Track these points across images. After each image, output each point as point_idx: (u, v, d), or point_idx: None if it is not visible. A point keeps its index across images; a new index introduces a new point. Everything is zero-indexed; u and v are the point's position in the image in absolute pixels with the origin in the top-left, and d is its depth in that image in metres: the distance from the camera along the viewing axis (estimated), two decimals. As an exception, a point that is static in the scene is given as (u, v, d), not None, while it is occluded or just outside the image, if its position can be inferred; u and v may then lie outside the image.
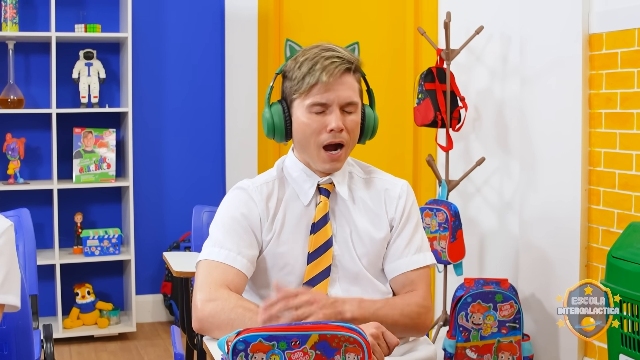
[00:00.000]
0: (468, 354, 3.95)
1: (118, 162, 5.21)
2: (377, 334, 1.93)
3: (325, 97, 2.21)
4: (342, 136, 2.23)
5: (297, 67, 2.25)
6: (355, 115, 2.26)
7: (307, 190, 2.30)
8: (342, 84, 2.23)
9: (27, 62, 5.08)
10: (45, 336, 3.05)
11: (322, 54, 2.24)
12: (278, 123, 2.29)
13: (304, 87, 2.22)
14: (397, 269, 2.31)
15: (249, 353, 1.66)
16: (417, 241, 2.33)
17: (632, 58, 3.70)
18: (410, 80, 5.18)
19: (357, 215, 2.31)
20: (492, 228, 4.77)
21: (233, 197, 2.31)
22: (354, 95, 2.26)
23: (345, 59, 2.25)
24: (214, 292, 2.10)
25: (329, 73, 2.20)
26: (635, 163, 3.71)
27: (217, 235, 2.24)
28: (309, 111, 2.23)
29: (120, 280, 5.35)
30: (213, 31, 5.39)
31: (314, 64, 2.22)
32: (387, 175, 2.42)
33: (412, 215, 2.35)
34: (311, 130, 2.23)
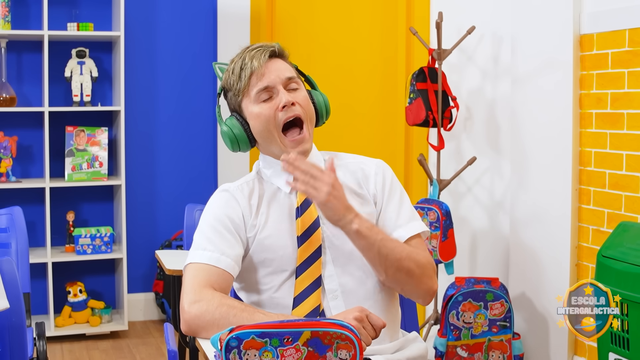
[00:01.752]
0: (459, 353, 3.96)
1: (110, 161, 5.21)
2: (360, 316, 1.95)
3: (264, 82, 2.27)
4: (295, 109, 2.28)
5: (231, 74, 2.33)
6: (302, 91, 2.33)
7: (286, 179, 2.32)
8: (274, 65, 2.30)
9: (20, 61, 5.08)
10: (38, 334, 3.06)
11: (245, 51, 2.32)
12: (239, 133, 2.33)
13: (243, 83, 2.29)
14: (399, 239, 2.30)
15: (241, 350, 1.67)
16: (407, 211, 2.34)
17: (622, 58, 3.72)
18: (402, 79, 5.20)
19: None
20: (483, 227, 4.78)
21: (215, 199, 2.33)
22: (290, 73, 2.32)
23: (268, 46, 2.33)
24: (197, 294, 2.10)
25: (258, 60, 2.27)
26: (625, 163, 3.73)
27: (200, 238, 2.25)
28: (258, 102, 2.28)
29: (112, 278, 5.35)
30: (205, 30, 5.39)
31: (242, 60, 2.30)
32: (360, 157, 2.45)
33: (394, 188, 2.37)
34: (265, 117, 2.27)
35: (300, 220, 2.27)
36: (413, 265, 2.22)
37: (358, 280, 2.27)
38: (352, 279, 2.27)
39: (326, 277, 2.25)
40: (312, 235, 2.26)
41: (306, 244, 2.25)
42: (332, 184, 2.15)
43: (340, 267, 2.27)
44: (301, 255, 2.25)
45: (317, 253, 2.25)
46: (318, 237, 2.26)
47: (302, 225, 2.26)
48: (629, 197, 3.71)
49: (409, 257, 2.22)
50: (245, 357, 1.68)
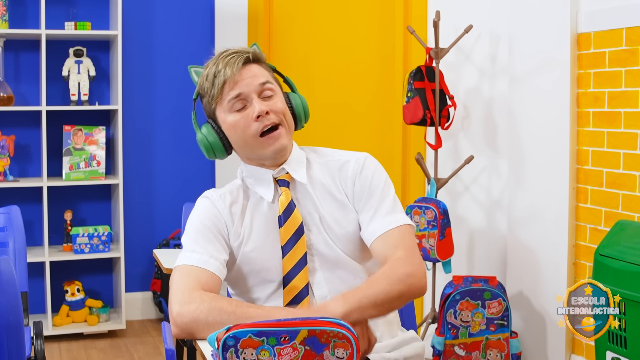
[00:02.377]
0: (456, 351, 3.96)
1: (108, 160, 5.21)
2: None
3: (237, 90, 2.23)
4: (270, 118, 2.22)
5: (205, 79, 2.28)
6: (276, 98, 2.27)
7: (266, 188, 2.29)
8: (248, 73, 2.25)
9: (17, 60, 5.08)
10: (36, 333, 3.06)
11: (219, 57, 2.28)
12: (213, 140, 2.30)
13: (216, 90, 2.24)
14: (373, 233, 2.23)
15: (239, 349, 1.68)
16: (387, 205, 2.25)
17: (619, 57, 3.73)
18: (400, 78, 5.20)
19: (322, 201, 2.29)
20: (480, 226, 4.79)
21: (199, 206, 2.33)
22: (265, 79, 2.26)
23: (242, 52, 2.27)
24: (187, 296, 2.08)
25: (231, 67, 2.22)
26: (622, 161, 3.73)
27: (189, 242, 2.23)
28: (231, 111, 2.24)
29: (110, 277, 5.35)
30: (203, 29, 5.39)
31: (215, 68, 2.25)
32: (344, 153, 2.38)
33: (374, 185, 2.28)
34: (241, 127, 2.24)
35: (284, 229, 2.24)
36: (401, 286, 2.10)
37: (348, 284, 2.23)
38: (342, 283, 2.25)
39: (315, 284, 2.24)
40: (296, 243, 2.23)
41: (290, 253, 2.23)
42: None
43: (328, 271, 2.25)
44: (286, 265, 2.23)
45: (302, 261, 2.23)
46: (302, 245, 2.23)
47: (285, 234, 2.24)
48: (626, 195, 3.71)
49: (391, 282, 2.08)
50: (242, 356, 1.68)
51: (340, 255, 2.25)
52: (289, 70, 2.45)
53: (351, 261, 2.27)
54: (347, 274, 2.26)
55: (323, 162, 2.35)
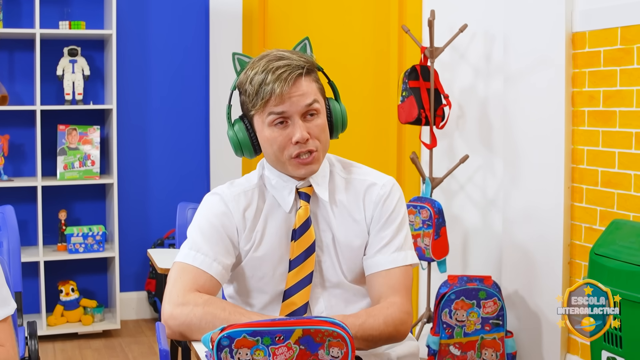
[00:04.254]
0: (452, 351, 3.96)
1: (102, 159, 5.21)
2: None
3: (281, 108, 2.12)
4: (309, 145, 2.15)
5: (248, 82, 2.15)
6: (319, 118, 2.18)
7: (286, 196, 2.23)
8: (297, 91, 2.12)
9: (11, 59, 5.07)
10: (30, 333, 3.05)
11: (270, 65, 2.13)
12: (244, 141, 2.23)
13: (259, 103, 2.12)
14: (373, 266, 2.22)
15: (233, 349, 1.67)
16: (399, 241, 2.24)
17: (614, 56, 3.73)
18: (395, 77, 5.20)
19: (338, 222, 2.24)
20: (475, 225, 4.79)
21: (211, 204, 2.24)
22: (312, 96, 2.16)
23: (294, 65, 2.14)
24: (181, 297, 2.06)
25: (281, 84, 2.10)
26: (617, 161, 3.73)
27: (196, 238, 2.18)
28: (270, 125, 2.14)
29: (105, 277, 5.34)
30: (197, 28, 5.38)
31: (264, 78, 2.11)
32: (370, 173, 2.33)
33: (393, 217, 2.25)
34: (277, 145, 2.15)
35: (296, 244, 2.21)
36: (391, 329, 2.12)
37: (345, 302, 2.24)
38: (340, 301, 2.24)
39: (313, 299, 2.22)
40: (305, 260, 2.20)
41: (298, 269, 2.20)
42: None
43: (328, 290, 2.24)
44: (291, 280, 2.20)
45: (307, 279, 2.20)
46: (311, 264, 2.20)
47: (296, 249, 2.20)
48: (622, 194, 3.71)
49: (386, 322, 2.11)
50: (236, 356, 1.67)
51: (342, 280, 2.24)
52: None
53: (352, 285, 2.26)
54: (346, 294, 2.24)
55: (348, 179, 2.30)
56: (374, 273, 2.22)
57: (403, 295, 2.20)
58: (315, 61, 2.25)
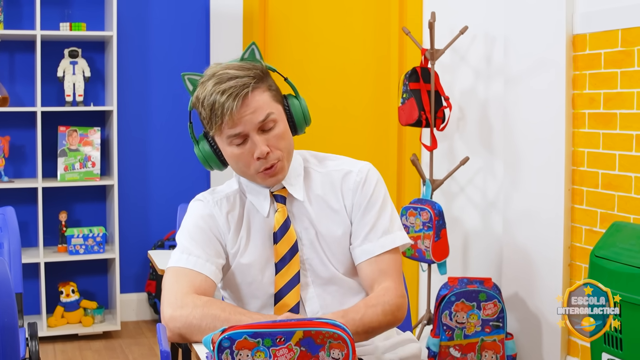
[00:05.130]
0: (452, 353, 3.96)
1: (103, 161, 5.21)
2: None
3: (237, 130, 2.11)
4: (272, 157, 2.14)
5: (200, 104, 2.14)
6: (277, 127, 2.16)
7: (262, 201, 2.24)
8: (247, 110, 2.10)
9: (12, 60, 5.07)
10: (30, 334, 3.05)
11: (218, 88, 2.10)
12: (210, 157, 2.24)
13: (215, 127, 2.12)
14: (362, 254, 2.22)
15: (234, 350, 1.67)
16: (383, 224, 2.23)
17: (615, 59, 3.73)
18: (395, 79, 5.20)
19: (318, 216, 2.24)
20: (476, 227, 4.79)
21: (196, 208, 2.28)
22: (265, 111, 2.12)
23: (241, 84, 2.10)
24: (180, 300, 2.06)
25: (229, 107, 2.08)
26: (618, 163, 3.73)
27: (185, 242, 2.20)
28: (231, 144, 2.15)
29: (105, 278, 5.34)
30: (198, 30, 5.39)
31: (212, 104, 2.10)
32: (345, 161, 2.32)
33: (373, 200, 2.24)
34: (242, 163, 2.16)
35: (278, 246, 2.21)
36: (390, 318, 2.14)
37: (340, 299, 2.23)
38: (334, 299, 2.23)
39: (307, 300, 2.22)
40: (290, 261, 2.20)
41: (284, 271, 2.20)
42: None
43: (321, 287, 2.23)
44: (278, 283, 2.20)
45: (295, 279, 2.21)
46: (296, 263, 2.21)
47: (279, 251, 2.21)
48: (622, 197, 3.71)
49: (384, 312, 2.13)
50: (237, 358, 1.67)
51: (334, 273, 2.23)
52: (284, 71, 2.38)
53: (344, 278, 2.25)
54: (339, 290, 2.24)
55: (324, 173, 2.30)
56: (363, 261, 2.23)
57: (395, 279, 2.21)
58: (264, 65, 2.22)
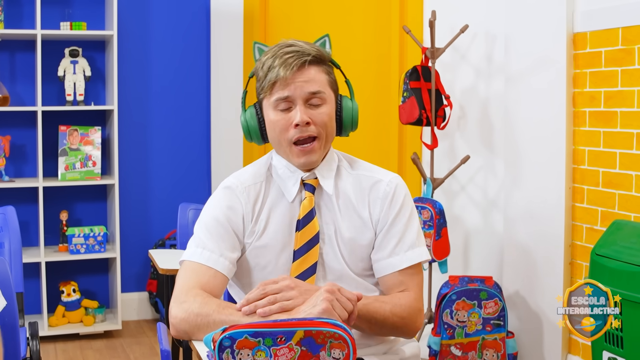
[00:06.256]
0: (453, 352, 3.96)
1: (103, 160, 5.21)
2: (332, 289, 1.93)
3: (286, 92, 2.17)
4: (310, 130, 2.18)
5: (261, 67, 2.22)
6: (324, 108, 2.21)
7: (291, 186, 2.25)
8: (302, 77, 2.18)
9: (13, 60, 5.07)
10: (31, 334, 3.05)
11: (280, 50, 2.20)
12: (252, 126, 2.28)
13: (267, 85, 2.19)
14: (388, 267, 2.23)
15: (235, 349, 1.67)
16: (410, 238, 2.24)
17: (615, 57, 3.73)
18: (396, 78, 5.20)
19: (342, 215, 2.25)
20: (476, 226, 4.79)
21: (219, 198, 2.27)
22: (318, 86, 2.20)
23: (303, 52, 2.19)
24: (182, 296, 2.08)
25: (287, 67, 2.16)
26: (618, 161, 3.73)
27: (201, 235, 2.21)
28: (275, 109, 2.20)
29: (106, 278, 5.34)
30: (199, 29, 5.38)
31: (273, 61, 2.18)
32: (375, 170, 2.33)
33: (402, 213, 2.25)
34: (279, 128, 2.20)
35: (300, 234, 2.22)
36: (397, 319, 2.16)
37: None
38: None
39: None
40: (309, 251, 2.21)
41: (301, 259, 2.21)
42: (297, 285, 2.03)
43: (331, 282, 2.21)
44: (295, 270, 2.21)
45: (311, 270, 2.21)
46: (315, 254, 2.21)
47: (300, 239, 2.21)
48: (623, 195, 3.71)
49: (392, 312, 2.15)
50: (238, 357, 1.68)
51: (346, 271, 2.24)
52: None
53: (355, 278, 2.25)
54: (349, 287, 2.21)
55: (354, 175, 2.31)
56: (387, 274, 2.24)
57: (416, 290, 2.23)
58: (331, 57, 2.29)
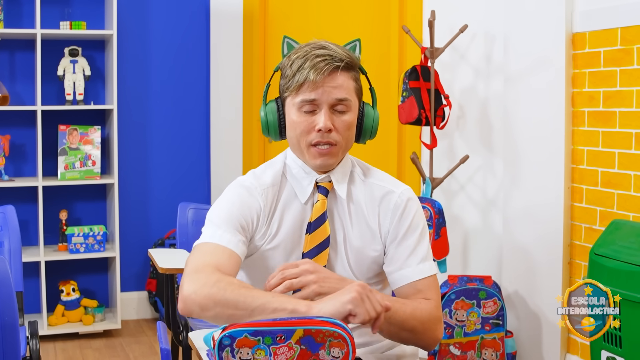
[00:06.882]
0: (452, 351, 3.97)
1: (103, 160, 5.21)
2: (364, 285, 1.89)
3: (313, 95, 2.15)
4: (331, 137, 2.17)
5: (289, 64, 2.19)
6: (348, 115, 2.20)
7: (305, 187, 2.24)
8: (331, 83, 2.16)
9: (12, 59, 5.07)
10: (31, 333, 3.06)
11: (313, 52, 2.17)
12: (272, 121, 2.25)
13: (294, 85, 2.16)
14: (402, 279, 2.21)
15: (234, 348, 1.68)
16: (422, 252, 2.23)
17: (614, 57, 3.73)
18: (395, 78, 5.20)
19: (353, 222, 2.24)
20: (475, 225, 4.79)
21: (236, 195, 2.22)
22: (345, 94, 2.18)
23: (335, 57, 2.16)
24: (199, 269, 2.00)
25: (317, 71, 2.13)
26: (617, 161, 3.74)
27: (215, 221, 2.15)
28: (299, 110, 2.17)
29: (105, 277, 5.34)
30: (198, 28, 5.39)
31: (303, 62, 2.16)
32: (388, 180, 2.31)
33: (413, 227, 2.24)
34: (301, 129, 2.18)
35: (310, 237, 2.20)
36: (417, 323, 2.13)
37: None
38: None
39: None
40: (318, 255, 2.18)
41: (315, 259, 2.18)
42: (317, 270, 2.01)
43: None
44: None
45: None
46: (324, 258, 2.19)
47: (310, 242, 2.20)
48: (621, 195, 3.72)
49: (413, 315, 2.12)
50: (238, 355, 1.68)
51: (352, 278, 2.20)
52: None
53: None
54: None
55: (367, 183, 2.29)
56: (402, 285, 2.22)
57: (436, 300, 2.20)
58: (360, 63, 2.26)
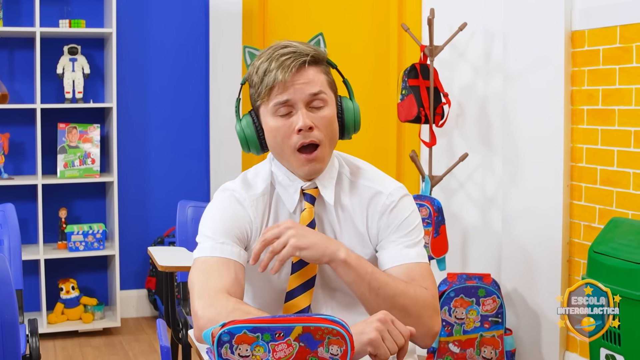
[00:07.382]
0: (451, 349, 3.97)
1: (102, 158, 5.21)
2: (385, 319, 1.80)
3: (285, 96, 2.05)
4: (313, 135, 2.07)
5: (255, 72, 2.10)
6: (326, 110, 2.10)
7: (291, 195, 2.16)
8: (301, 79, 2.06)
9: (12, 57, 5.07)
10: (31, 331, 3.06)
11: (276, 52, 2.07)
12: (250, 135, 2.16)
13: (264, 91, 2.06)
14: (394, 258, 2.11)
15: (233, 344, 1.68)
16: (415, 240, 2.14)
17: (613, 55, 3.73)
18: (394, 76, 5.20)
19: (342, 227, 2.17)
20: (475, 223, 4.79)
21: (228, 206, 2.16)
22: (318, 87, 2.08)
23: (300, 53, 2.07)
24: (212, 298, 1.96)
25: (285, 70, 2.04)
26: (616, 159, 3.74)
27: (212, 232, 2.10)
28: (274, 115, 2.08)
29: (105, 275, 5.35)
30: (197, 27, 5.39)
31: (269, 65, 2.06)
32: (377, 179, 2.21)
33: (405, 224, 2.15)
34: (281, 135, 2.08)
35: None
36: (409, 303, 2.03)
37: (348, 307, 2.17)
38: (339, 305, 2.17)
39: (313, 301, 2.16)
40: (308, 264, 2.11)
41: (300, 272, 2.13)
42: (295, 226, 1.99)
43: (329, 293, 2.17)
44: (292, 282, 2.13)
45: (309, 283, 2.13)
46: (314, 267, 2.13)
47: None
48: (620, 193, 3.72)
49: (405, 293, 2.02)
50: (237, 352, 1.68)
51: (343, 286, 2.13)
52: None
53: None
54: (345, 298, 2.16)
55: (356, 185, 2.20)
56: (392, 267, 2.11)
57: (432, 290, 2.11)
58: (327, 56, 2.19)
